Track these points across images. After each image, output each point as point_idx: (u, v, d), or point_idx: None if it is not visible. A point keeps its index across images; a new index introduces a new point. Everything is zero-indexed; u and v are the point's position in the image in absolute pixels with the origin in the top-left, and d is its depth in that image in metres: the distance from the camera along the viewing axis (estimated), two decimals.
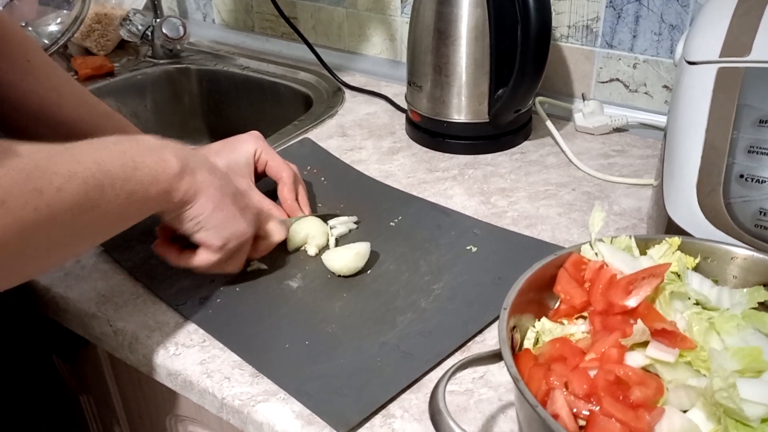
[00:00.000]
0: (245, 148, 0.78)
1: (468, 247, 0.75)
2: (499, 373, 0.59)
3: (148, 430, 0.79)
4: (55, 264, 0.69)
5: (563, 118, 1.02)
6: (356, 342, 0.62)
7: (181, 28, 1.28)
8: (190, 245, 0.65)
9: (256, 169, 0.80)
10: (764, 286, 0.49)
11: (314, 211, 0.81)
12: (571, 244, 0.75)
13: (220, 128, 1.33)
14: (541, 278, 0.50)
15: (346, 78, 1.19)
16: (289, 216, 0.77)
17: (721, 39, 0.59)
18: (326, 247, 0.75)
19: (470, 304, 0.67)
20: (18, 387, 0.80)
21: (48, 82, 0.74)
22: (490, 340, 0.63)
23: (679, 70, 0.63)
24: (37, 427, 0.88)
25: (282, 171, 0.79)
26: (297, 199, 0.80)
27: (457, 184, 0.88)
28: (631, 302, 0.45)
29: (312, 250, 0.74)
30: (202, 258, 0.64)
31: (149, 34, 1.29)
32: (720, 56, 0.58)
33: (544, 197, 0.85)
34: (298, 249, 0.75)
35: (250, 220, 0.66)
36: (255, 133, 0.81)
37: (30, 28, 1.21)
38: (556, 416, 0.40)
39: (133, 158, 0.55)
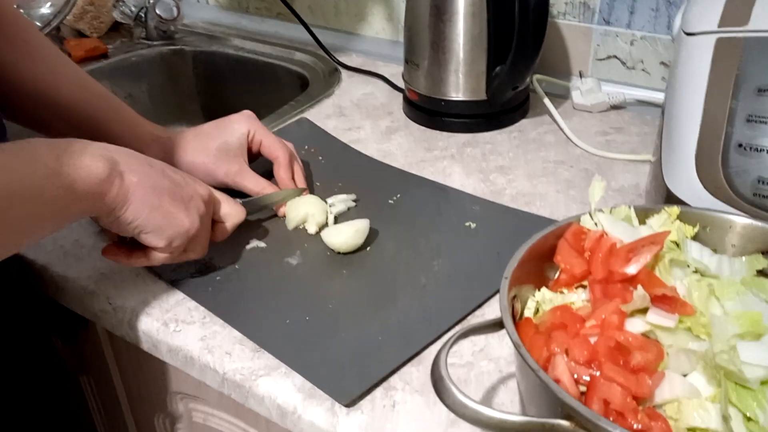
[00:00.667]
0: (237, 128, 0.78)
1: (467, 224, 0.75)
2: (499, 346, 0.60)
3: (148, 409, 0.79)
4: None
5: (561, 96, 1.02)
6: (357, 318, 0.63)
7: (174, 9, 1.27)
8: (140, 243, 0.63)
9: (250, 149, 0.79)
10: (763, 254, 0.49)
11: (311, 191, 0.81)
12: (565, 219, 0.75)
13: (216, 110, 1.32)
14: (541, 249, 0.50)
15: (343, 58, 1.18)
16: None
17: (719, 9, 0.59)
18: (325, 224, 0.75)
19: (470, 280, 0.67)
20: (17, 369, 0.80)
21: (45, 64, 0.74)
22: (489, 314, 0.64)
23: (677, 42, 0.63)
24: (37, 409, 0.88)
25: (277, 150, 0.78)
26: (294, 178, 0.79)
27: (456, 163, 0.88)
28: (631, 269, 0.45)
29: (312, 228, 0.74)
30: (153, 258, 0.63)
31: (143, 15, 1.28)
32: (718, 26, 0.58)
33: (543, 175, 0.85)
34: (297, 227, 0.75)
35: (194, 213, 0.63)
36: (247, 112, 0.80)
37: (22, 11, 1.20)
38: (557, 381, 0.40)
39: (47, 164, 0.52)
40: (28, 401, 0.81)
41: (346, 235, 0.70)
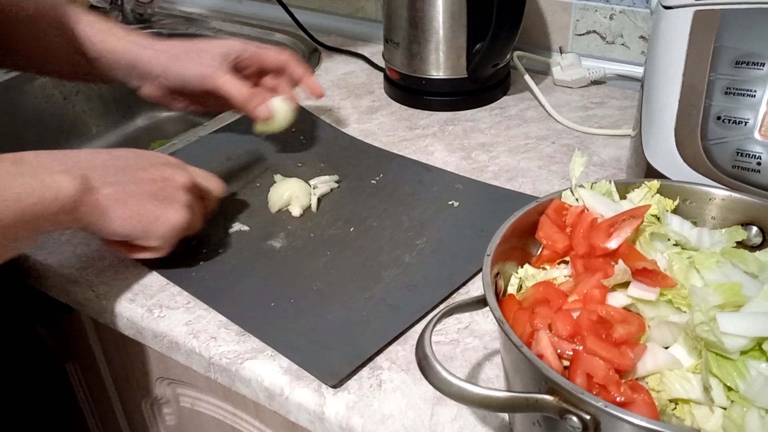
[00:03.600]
0: (231, 44, 0.77)
1: (450, 202, 0.75)
2: (484, 322, 0.60)
3: (136, 395, 0.79)
4: None
5: (541, 72, 1.02)
6: (342, 298, 0.63)
7: None
8: None
9: (247, 68, 0.79)
10: (742, 225, 0.50)
11: (292, 173, 0.81)
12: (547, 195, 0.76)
13: None
14: (523, 225, 0.50)
15: (322, 38, 1.17)
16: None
17: None
18: (309, 207, 0.74)
19: (454, 257, 0.67)
20: (1, 358, 0.80)
21: None
22: (474, 291, 0.64)
23: (656, 16, 0.63)
24: (23, 398, 0.87)
25: (280, 56, 0.79)
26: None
27: (438, 141, 0.88)
28: (612, 244, 0.46)
29: (296, 211, 0.73)
30: (156, 253, 0.63)
31: None
32: None
33: (525, 151, 0.85)
34: (280, 210, 0.75)
35: (181, 202, 0.62)
36: (238, 39, 0.80)
37: None
38: (540, 356, 0.40)
39: (10, 188, 0.50)
40: (13, 390, 0.80)
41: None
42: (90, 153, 0.60)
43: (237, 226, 0.72)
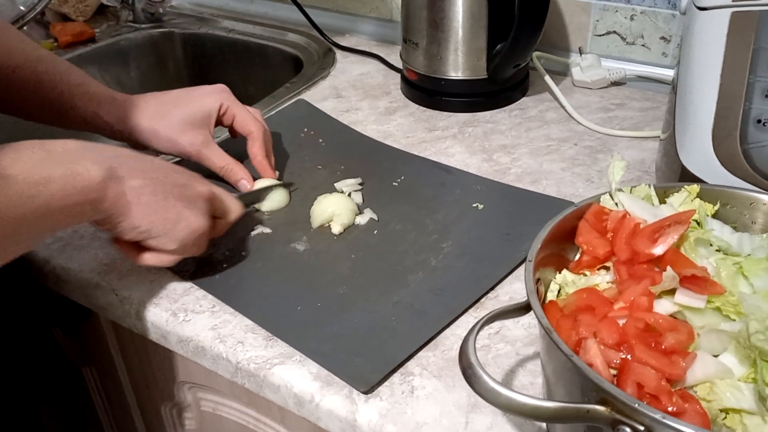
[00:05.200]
0: (207, 101, 0.75)
1: (474, 205, 0.74)
2: (515, 328, 0.59)
3: (156, 399, 0.78)
4: None
5: (560, 73, 1.01)
6: (368, 302, 0.62)
7: None
8: None
9: (222, 123, 0.77)
10: None
11: (313, 175, 0.80)
12: (577, 198, 0.75)
13: None
14: (561, 230, 0.49)
15: (336, 39, 1.16)
16: (255, 179, 0.76)
17: None
18: (351, 225, 0.72)
19: (480, 261, 0.66)
20: (18, 362, 0.79)
21: None
22: (503, 296, 0.63)
23: (688, 17, 0.62)
24: (39, 402, 0.87)
25: (250, 125, 0.75)
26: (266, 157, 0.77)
27: (458, 143, 0.87)
28: (658, 250, 0.45)
29: (336, 228, 0.70)
30: (164, 260, 0.61)
31: None
32: (732, 0, 0.57)
33: (547, 152, 0.84)
34: (322, 226, 0.72)
35: (202, 210, 0.61)
36: (220, 86, 0.77)
37: None
38: (590, 365, 0.39)
39: (34, 171, 0.49)
40: (28, 395, 0.80)
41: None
42: (114, 148, 0.58)
43: (259, 229, 0.71)
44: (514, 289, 0.63)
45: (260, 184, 0.75)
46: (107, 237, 0.71)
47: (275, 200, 0.75)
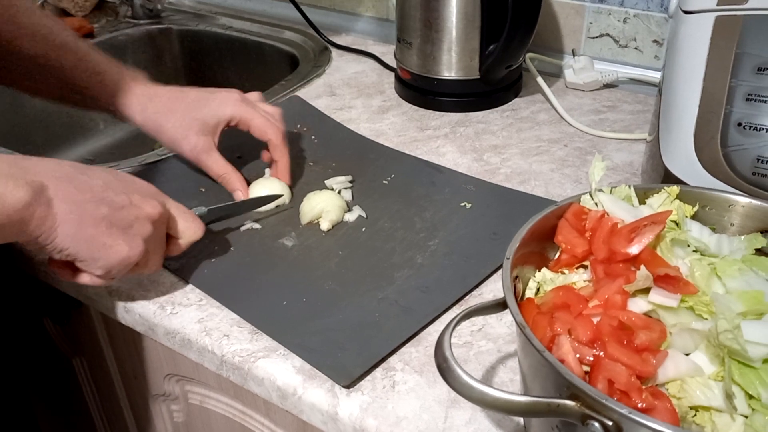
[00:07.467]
0: (220, 110, 0.75)
1: (462, 204, 0.75)
2: (498, 325, 0.60)
3: (144, 391, 0.79)
4: None
5: (553, 75, 1.02)
6: (355, 298, 0.62)
7: None
8: None
9: (238, 128, 0.77)
10: (761, 232, 0.49)
11: (304, 171, 0.80)
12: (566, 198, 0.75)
13: None
14: (542, 229, 0.50)
15: (332, 37, 1.17)
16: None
17: None
18: (339, 222, 0.72)
19: (467, 259, 0.67)
20: (9, 352, 0.80)
21: (5, 16, 0.70)
22: (487, 294, 0.64)
23: (675, 20, 0.63)
24: (29, 392, 0.87)
25: (268, 132, 0.75)
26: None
27: (449, 142, 0.88)
28: (634, 249, 0.45)
29: (325, 225, 0.71)
30: (97, 282, 0.58)
31: None
32: (717, 4, 0.57)
33: (537, 153, 0.85)
34: (311, 222, 0.73)
35: (136, 239, 0.57)
36: (235, 94, 0.77)
37: None
38: (562, 361, 0.40)
39: None
40: (20, 385, 0.80)
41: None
42: (56, 163, 0.56)
43: (248, 224, 0.72)
44: (498, 287, 0.64)
45: (255, 190, 0.75)
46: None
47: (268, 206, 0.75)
